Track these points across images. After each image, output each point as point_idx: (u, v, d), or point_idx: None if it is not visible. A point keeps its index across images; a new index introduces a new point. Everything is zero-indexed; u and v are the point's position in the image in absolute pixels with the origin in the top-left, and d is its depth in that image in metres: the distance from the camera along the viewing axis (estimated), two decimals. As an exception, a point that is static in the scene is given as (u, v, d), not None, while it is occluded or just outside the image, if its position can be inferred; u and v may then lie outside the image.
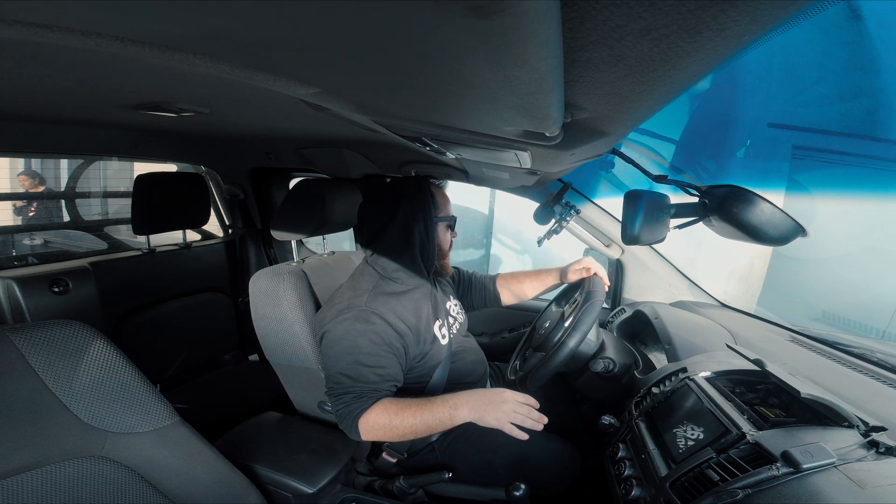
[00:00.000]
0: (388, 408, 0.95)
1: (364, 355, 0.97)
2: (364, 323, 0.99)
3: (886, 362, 0.97)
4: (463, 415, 0.93)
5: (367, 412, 0.95)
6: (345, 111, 0.60)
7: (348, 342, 0.97)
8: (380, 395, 0.97)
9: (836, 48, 2.35)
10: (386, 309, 1.03)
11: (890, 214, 2.47)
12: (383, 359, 0.99)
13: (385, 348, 1.00)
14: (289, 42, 0.31)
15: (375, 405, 0.96)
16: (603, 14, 0.24)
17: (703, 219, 0.99)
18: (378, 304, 1.03)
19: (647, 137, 2.82)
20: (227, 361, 2.03)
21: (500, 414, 0.92)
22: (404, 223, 1.08)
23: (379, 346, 0.99)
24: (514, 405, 0.93)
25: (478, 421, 0.93)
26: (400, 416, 0.94)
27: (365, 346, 0.97)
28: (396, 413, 0.94)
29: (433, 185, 1.16)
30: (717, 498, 0.62)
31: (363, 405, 0.95)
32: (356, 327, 0.98)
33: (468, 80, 0.33)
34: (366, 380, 0.96)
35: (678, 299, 1.52)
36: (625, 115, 0.45)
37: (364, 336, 0.97)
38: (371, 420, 0.94)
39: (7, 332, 0.69)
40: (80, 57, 0.48)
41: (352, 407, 0.95)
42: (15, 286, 1.31)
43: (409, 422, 0.93)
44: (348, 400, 0.95)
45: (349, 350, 0.97)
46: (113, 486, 0.72)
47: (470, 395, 0.95)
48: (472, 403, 0.94)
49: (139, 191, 1.54)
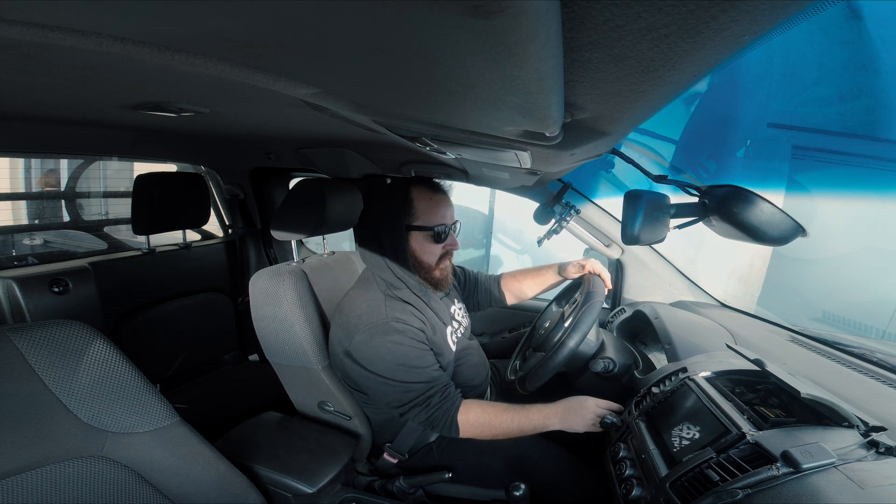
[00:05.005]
0: (486, 408, 1.01)
1: (415, 359, 1.00)
2: (395, 333, 1.00)
3: (886, 362, 0.96)
4: (554, 423, 0.99)
5: (463, 410, 1.00)
6: (345, 111, 0.60)
7: (394, 356, 0.98)
8: (455, 388, 1.03)
9: (836, 48, 2.35)
10: (404, 313, 1.05)
11: (890, 214, 2.47)
12: (429, 356, 1.03)
13: (424, 346, 1.03)
14: (289, 42, 0.31)
15: (470, 404, 1.01)
16: (603, 14, 0.24)
17: (703, 219, 0.99)
18: (396, 310, 1.04)
19: (647, 137, 2.82)
20: (227, 361, 2.03)
21: (588, 420, 0.98)
22: (372, 229, 1.09)
23: (419, 347, 1.02)
24: (596, 409, 0.99)
25: (567, 429, 0.98)
26: (500, 417, 1.00)
27: (410, 352, 1.00)
28: (496, 414, 1.00)
29: (418, 189, 1.09)
30: (717, 498, 0.62)
31: (455, 403, 1.00)
32: (392, 339, 0.99)
33: (468, 80, 0.33)
34: (434, 378, 1.00)
35: (678, 299, 1.52)
36: (625, 115, 0.45)
37: (403, 345, 0.99)
38: (472, 418, 1.00)
39: (7, 332, 0.69)
40: (80, 57, 0.48)
41: (445, 406, 0.99)
42: (15, 286, 1.31)
43: (507, 424, 0.99)
44: (437, 402, 0.98)
45: (399, 361, 0.98)
46: (113, 486, 0.72)
47: (553, 408, 1.01)
48: (560, 414, 0.99)
49: (139, 191, 1.54)
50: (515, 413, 1.00)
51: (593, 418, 0.98)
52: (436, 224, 1.08)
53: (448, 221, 1.11)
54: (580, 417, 0.98)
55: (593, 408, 0.99)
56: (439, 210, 1.09)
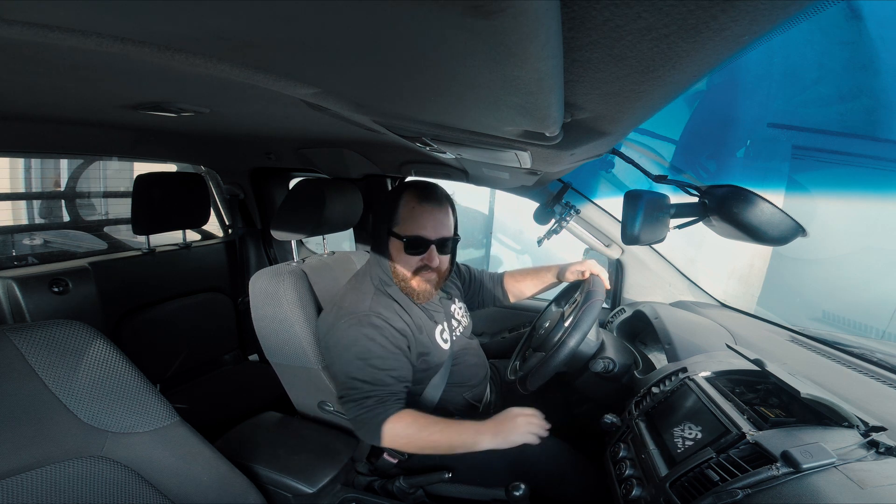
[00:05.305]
0: (418, 419, 0.96)
1: (377, 359, 0.97)
2: (371, 327, 0.99)
3: (886, 362, 0.96)
4: (486, 441, 0.93)
5: (392, 419, 0.95)
6: (345, 111, 0.60)
7: (359, 347, 0.98)
8: (399, 399, 0.98)
9: (836, 48, 2.35)
10: (389, 312, 1.03)
11: (890, 214, 2.47)
12: (394, 361, 0.99)
13: (395, 350, 1.00)
14: (289, 42, 0.31)
15: (402, 414, 0.96)
16: (603, 14, 0.24)
17: (703, 219, 0.99)
18: (381, 306, 1.03)
19: (647, 137, 2.82)
20: (227, 361, 2.03)
21: (521, 430, 0.94)
22: (372, 227, 1.07)
23: (389, 349, 0.99)
24: (525, 418, 0.95)
25: (503, 445, 0.93)
26: (428, 429, 0.95)
27: (376, 350, 0.98)
28: (425, 426, 0.95)
29: (409, 195, 1.03)
30: (717, 498, 0.62)
31: (388, 410, 0.95)
32: (365, 332, 0.98)
33: (468, 80, 0.33)
34: (383, 383, 0.97)
35: (678, 299, 1.52)
36: (625, 115, 0.45)
37: (374, 341, 0.98)
38: (398, 428, 0.94)
39: (7, 332, 0.69)
40: (80, 57, 0.48)
41: (376, 411, 0.95)
42: (15, 286, 1.31)
43: (434, 437, 0.94)
44: (371, 404, 0.96)
45: (361, 355, 0.97)
46: (113, 486, 0.72)
47: (486, 424, 0.96)
48: (492, 430, 0.94)
49: (139, 191, 1.54)
50: (446, 427, 0.95)
51: (525, 427, 0.94)
52: (410, 234, 1.01)
53: (428, 235, 1.02)
54: (512, 429, 0.94)
55: (522, 418, 0.95)
56: (419, 221, 1.01)
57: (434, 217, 1.02)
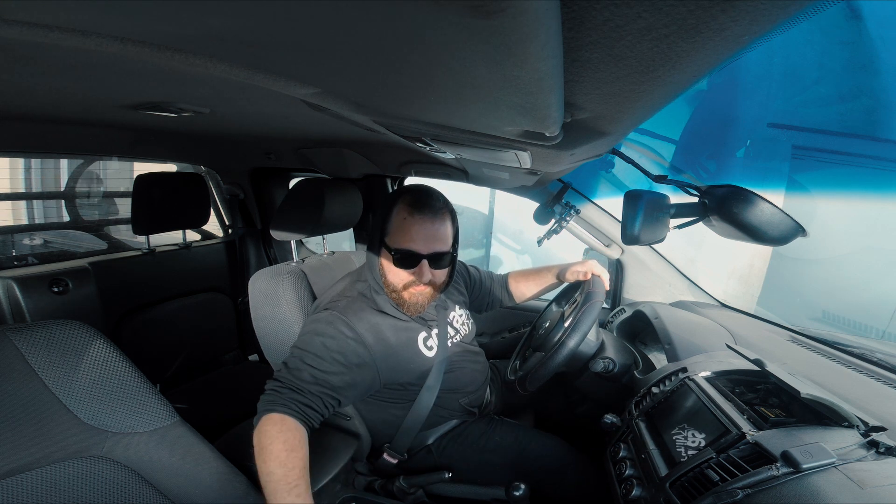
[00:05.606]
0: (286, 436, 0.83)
1: (310, 355, 0.93)
2: (327, 325, 0.96)
3: (886, 362, 0.97)
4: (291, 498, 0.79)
5: (272, 420, 0.84)
6: (345, 111, 0.60)
7: (305, 338, 0.97)
8: (309, 403, 0.89)
9: (836, 48, 2.36)
10: (359, 319, 0.98)
11: (890, 214, 2.47)
12: (328, 365, 0.93)
13: (336, 356, 0.93)
14: (289, 42, 0.31)
15: (290, 418, 0.85)
16: (603, 14, 0.24)
17: (703, 219, 0.99)
18: (353, 311, 0.99)
19: (647, 137, 2.82)
20: (227, 361, 2.03)
21: None
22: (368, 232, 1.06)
23: (330, 352, 0.93)
24: None
25: None
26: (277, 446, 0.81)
27: (315, 347, 0.94)
28: (284, 441, 0.82)
29: (402, 203, 0.98)
30: (717, 498, 0.62)
31: (286, 406, 0.86)
32: (318, 327, 0.97)
33: (468, 80, 0.33)
34: (300, 377, 0.90)
35: (678, 299, 1.52)
36: (625, 115, 0.45)
37: (319, 337, 0.95)
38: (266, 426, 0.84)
39: (7, 332, 0.69)
40: (80, 57, 0.48)
41: (284, 397, 0.87)
42: (15, 286, 1.31)
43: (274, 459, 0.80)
44: (284, 390, 0.89)
45: (301, 344, 0.96)
46: (113, 486, 0.72)
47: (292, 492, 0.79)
48: None
49: (139, 191, 1.54)
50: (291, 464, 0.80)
51: None
52: (400, 248, 0.96)
53: (419, 249, 0.96)
54: None
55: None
56: (409, 233, 0.95)
57: (426, 230, 0.96)
